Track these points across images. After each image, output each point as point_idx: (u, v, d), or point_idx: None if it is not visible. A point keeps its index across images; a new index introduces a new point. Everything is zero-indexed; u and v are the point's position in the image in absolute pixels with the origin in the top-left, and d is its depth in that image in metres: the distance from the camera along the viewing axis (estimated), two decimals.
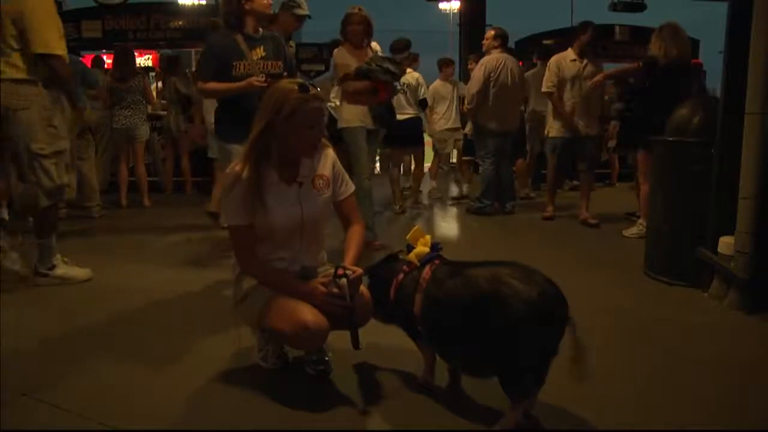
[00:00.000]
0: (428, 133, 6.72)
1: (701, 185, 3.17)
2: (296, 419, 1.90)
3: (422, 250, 1.99)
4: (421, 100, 5.90)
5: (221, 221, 3.96)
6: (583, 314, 1.71)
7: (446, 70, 6.60)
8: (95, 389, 2.10)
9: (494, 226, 5.25)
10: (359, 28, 4.05)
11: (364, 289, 2.03)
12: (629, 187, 6.39)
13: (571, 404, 1.91)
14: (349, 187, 2.21)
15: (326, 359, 2.17)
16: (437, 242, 2.03)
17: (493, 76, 5.36)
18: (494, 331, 1.68)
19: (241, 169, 1.99)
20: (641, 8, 9.14)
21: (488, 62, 5.42)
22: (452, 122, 6.52)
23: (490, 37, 5.53)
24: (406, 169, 6.52)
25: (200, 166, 6.49)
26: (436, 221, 5.72)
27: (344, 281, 1.92)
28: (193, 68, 7.92)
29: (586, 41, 5.08)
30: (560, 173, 5.47)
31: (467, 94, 5.73)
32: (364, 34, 4.08)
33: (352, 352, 1.93)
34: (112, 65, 6.64)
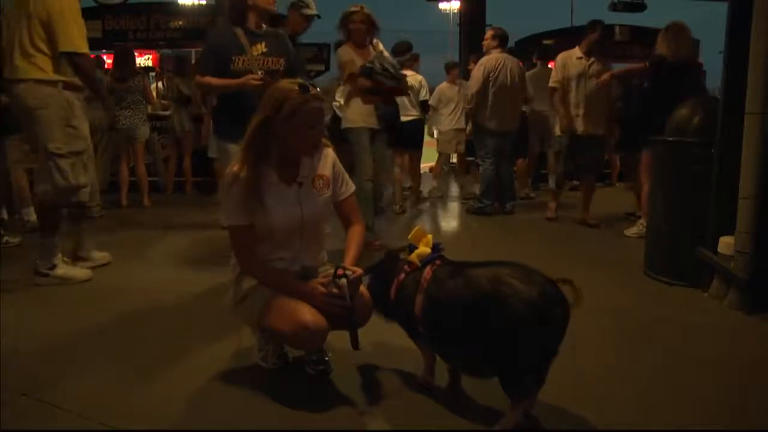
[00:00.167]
0: (428, 133, 6.73)
1: (701, 185, 3.17)
2: (296, 419, 1.90)
3: (424, 250, 1.99)
4: (422, 101, 5.91)
5: (221, 221, 3.95)
6: (583, 314, 1.71)
7: (452, 72, 6.69)
8: (95, 389, 2.10)
9: (494, 226, 5.24)
10: (362, 26, 4.02)
11: (363, 289, 2.04)
12: (626, 187, 6.38)
13: (571, 404, 1.92)
14: (349, 187, 2.21)
15: (326, 359, 2.17)
16: (439, 243, 2.03)
17: (492, 76, 5.36)
18: (494, 331, 1.68)
19: (239, 169, 1.99)
20: (641, 8, 9.14)
21: (487, 62, 5.42)
22: (458, 123, 6.57)
23: (489, 37, 5.54)
24: (405, 168, 6.53)
25: (200, 166, 6.51)
26: (436, 221, 5.71)
27: (344, 281, 1.92)
28: None
29: (594, 40, 4.99)
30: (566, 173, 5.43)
31: (467, 94, 5.75)
32: (366, 32, 4.05)
33: (352, 352, 1.93)
34: (112, 65, 6.64)
